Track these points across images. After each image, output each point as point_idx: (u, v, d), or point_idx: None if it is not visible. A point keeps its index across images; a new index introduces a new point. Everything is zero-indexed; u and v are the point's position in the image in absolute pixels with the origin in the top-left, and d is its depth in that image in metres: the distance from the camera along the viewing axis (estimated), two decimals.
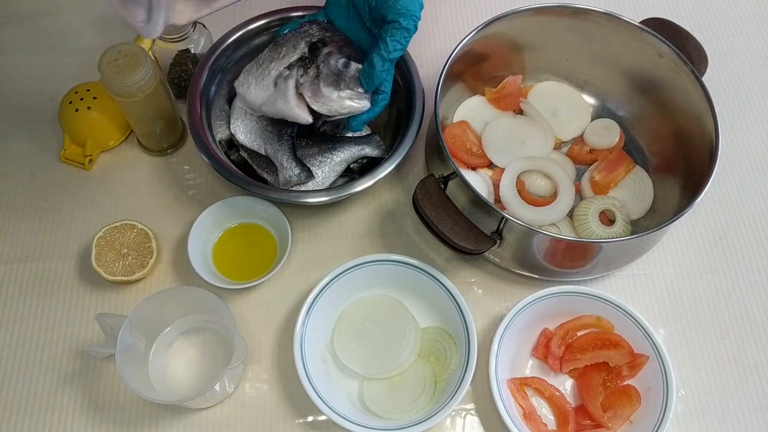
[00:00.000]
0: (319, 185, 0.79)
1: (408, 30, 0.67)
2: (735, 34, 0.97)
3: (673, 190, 0.79)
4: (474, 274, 0.79)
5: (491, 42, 0.83)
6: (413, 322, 0.74)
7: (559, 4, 0.80)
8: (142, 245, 0.77)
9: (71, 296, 0.77)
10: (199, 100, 0.79)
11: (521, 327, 0.74)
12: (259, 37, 0.83)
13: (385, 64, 0.69)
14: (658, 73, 0.80)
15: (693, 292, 0.79)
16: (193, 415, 0.71)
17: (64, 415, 0.71)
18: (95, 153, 0.84)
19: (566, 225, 0.80)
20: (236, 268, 0.77)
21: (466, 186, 0.69)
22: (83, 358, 0.74)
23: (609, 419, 0.70)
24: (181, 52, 0.82)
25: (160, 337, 0.73)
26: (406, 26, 0.67)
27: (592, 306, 0.74)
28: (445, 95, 0.83)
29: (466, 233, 0.69)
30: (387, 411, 0.70)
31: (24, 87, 0.89)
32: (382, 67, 0.69)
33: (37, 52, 0.92)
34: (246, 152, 0.81)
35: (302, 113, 0.71)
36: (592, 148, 0.85)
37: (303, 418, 0.72)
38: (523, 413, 0.71)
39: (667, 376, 0.70)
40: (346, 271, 0.74)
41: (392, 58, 0.69)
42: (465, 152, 0.83)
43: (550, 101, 0.87)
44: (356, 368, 0.72)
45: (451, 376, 0.71)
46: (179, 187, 0.83)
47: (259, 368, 0.74)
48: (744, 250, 0.82)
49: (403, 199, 0.83)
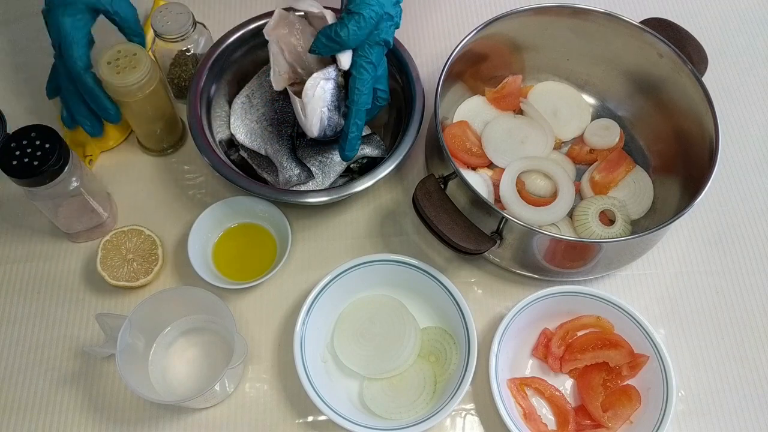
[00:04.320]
0: (319, 185, 0.79)
1: (359, 14, 0.65)
2: (735, 35, 0.97)
3: (673, 190, 0.79)
4: (474, 274, 0.79)
5: (491, 42, 0.83)
6: (413, 322, 0.74)
7: (559, 4, 0.80)
8: (148, 252, 0.77)
9: (72, 297, 0.77)
10: (199, 100, 0.79)
11: (521, 327, 0.74)
12: (259, 37, 0.83)
13: (330, 43, 0.66)
14: (658, 73, 0.80)
15: (693, 292, 0.79)
16: (193, 415, 0.71)
17: (64, 415, 0.71)
18: (95, 153, 0.84)
19: (566, 225, 0.80)
20: (236, 268, 0.77)
21: (466, 186, 0.69)
22: (83, 358, 0.74)
23: (609, 419, 0.70)
24: (181, 52, 0.82)
25: (160, 337, 0.73)
26: (359, 11, 0.65)
27: (592, 306, 0.74)
28: (445, 95, 0.83)
29: (466, 233, 0.69)
30: (387, 411, 0.70)
31: (24, 87, 0.89)
32: (326, 41, 0.66)
33: (38, 51, 0.92)
34: (246, 152, 0.81)
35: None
36: (592, 148, 0.85)
37: (303, 418, 0.72)
38: (523, 413, 0.71)
39: (667, 376, 0.70)
40: (346, 271, 0.74)
41: (337, 40, 0.66)
42: (465, 152, 0.83)
43: (550, 101, 0.87)
44: (356, 368, 0.72)
45: (451, 376, 0.71)
46: (179, 187, 0.83)
47: (259, 368, 0.74)
48: (744, 250, 0.82)
49: (403, 199, 0.83)
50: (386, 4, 0.67)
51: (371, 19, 0.66)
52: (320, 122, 0.72)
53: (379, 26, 0.67)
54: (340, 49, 0.67)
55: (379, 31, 0.68)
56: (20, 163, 0.65)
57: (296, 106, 0.72)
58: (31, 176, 0.65)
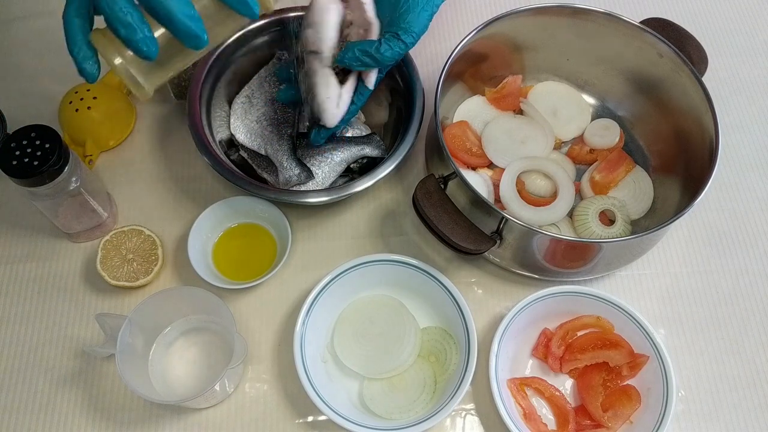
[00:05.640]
0: (319, 185, 0.79)
1: (405, 43, 0.69)
2: (735, 35, 0.97)
3: (673, 190, 0.79)
4: (474, 274, 0.79)
5: (491, 42, 0.83)
6: (413, 322, 0.74)
7: (559, 4, 0.80)
8: (148, 252, 0.77)
9: (72, 297, 0.77)
10: (199, 100, 0.79)
11: (521, 327, 0.74)
12: (259, 37, 0.83)
13: (365, 57, 0.68)
14: (658, 73, 0.80)
15: (693, 292, 0.79)
16: (193, 415, 0.71)
17: (64, 415, 0.71)
18: (95, 153, 0.84)
19: (566, 225, 0.80)
20: (236, 268, 0.77)
21: (466, 186, 0.69)
22: (83, 358, 0.74)
23: (609, 419, 0.70)
24: None
25: (160, 337, 0.73)
26: (404, 40, 0.69)
27: (592, 306, 0.74)
28: (445, 95, 0.83)
29: (466, 233, 0.69)
30: (387, 411, 0.70)
31: (24, 87, 0.89)
32: (362, 56, 0.68)
33: (37, 52, 0.92)
34: (246, 152, 0.81)
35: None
36: (592, 148, 0.85)
37: (303, 418, 0.72)
38: (523, 413, 0.71)
39: (667, 376, 0.70)
40: (346, 271, 0.74)
41: (376, 58, 0.68)
42: (465, 152, 0.83)
43: (550, 101, 0.87)
44: (356, 368, 0.72)
45: (451, 376, 0.71)
46: (179, 187, 0.83)
47: (259, 368, 0.74)
48: (744, 250, 0.82)
49: (403, 199, 0.83)
50: (420, 34, 0.70)
51: (411, 45, 0.69)
52: (345, 111, 0.72)
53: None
54: (373, 66, 0.69)
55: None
56: (20, 163, 0.65)
57: (328, 92, 0.70)
58: (31, 176, 0.65)
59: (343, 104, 0.71)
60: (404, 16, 0.69)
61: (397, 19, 0.69)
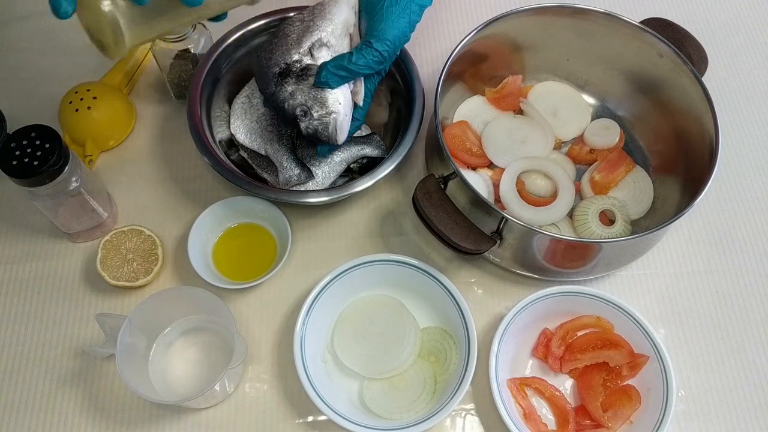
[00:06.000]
0: (319, 185, 0.79)
1: (377, 51, 0.69)
2: (735, 34, 0.97)
3: (673, 190, 0.79)
4: (474, 274, 0.79)
5: (491, 42, 0.83)
6: (413, 322, 0.74)
7: (559, 4, 0.80)
8: (148, 252, 0.77)
9: (72, 297, 0.77)
10: (199, 100, 0.79)
11: (521, 327, 0.74)
12: (259, 37, 0.83)
13: (340, 71, 0.69)
14: (658, 73, 0.80)
15: (693, 292, 0.79)
16: (193, 415, 0.71)
17: (64, 415, 0.71)
18: (95, 153, 0.84)
19: (566, 225, 0.80)
20: (236, 268, 0.77)
21: (466, 186, 0.69)
22: (83, 358, 0.74)
23: (609, 419, 0.70)
24: (181, 52, 0.82)
25: (160, 337, 0.73)
26: (377, 47, 0.69)
27: (592, 306, 0.74)
28: (445, 95, 0.83)
29: (466, 233, 0.69)
30: (387, 411, 0.70)
31: (24, 87, 0.89)
32: (336, 70, 0.69)
33: (37, 52, 0.92)
34: (246, 152, 0.81)
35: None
36: (592, 148, 0.85)
37: (303, 418, 0.72)
38: (523, 413, 0.71)
39: (667, 376, 0.70)
40: (346, 271, 0.74)
41: (351, 69, 0.69)
42: (465, 152, 0.83)
43: (550, 101, 0.87)
44: (356, 368, 0.72)
45: (451, 376, 0.71)
46: (179, 187, 0.83)
47: (259, 368, 0.74)
48: (744, 250, 0.82)
49: (403, 199, 0.83)
50: (400, 45, 0.71)
51: (385, 53, 0.70)
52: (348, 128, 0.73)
53: (386, 62, 0.71)
54: (350, 78, 0.70)
55: (385, 65, 0.72)
56: (20, 163, 0.65)
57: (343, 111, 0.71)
58: (31, 176, 0.65)
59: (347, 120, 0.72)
60: (377, 24, 0.70)
61: (371, 27, 0.71)
